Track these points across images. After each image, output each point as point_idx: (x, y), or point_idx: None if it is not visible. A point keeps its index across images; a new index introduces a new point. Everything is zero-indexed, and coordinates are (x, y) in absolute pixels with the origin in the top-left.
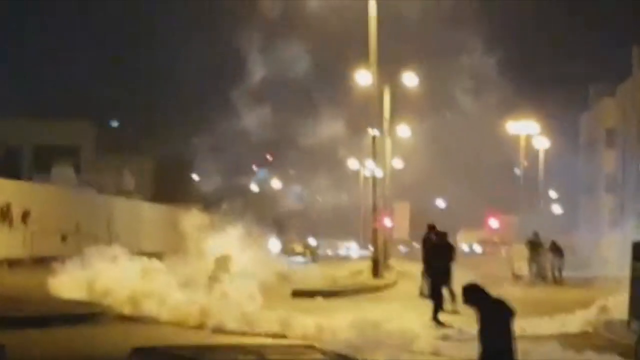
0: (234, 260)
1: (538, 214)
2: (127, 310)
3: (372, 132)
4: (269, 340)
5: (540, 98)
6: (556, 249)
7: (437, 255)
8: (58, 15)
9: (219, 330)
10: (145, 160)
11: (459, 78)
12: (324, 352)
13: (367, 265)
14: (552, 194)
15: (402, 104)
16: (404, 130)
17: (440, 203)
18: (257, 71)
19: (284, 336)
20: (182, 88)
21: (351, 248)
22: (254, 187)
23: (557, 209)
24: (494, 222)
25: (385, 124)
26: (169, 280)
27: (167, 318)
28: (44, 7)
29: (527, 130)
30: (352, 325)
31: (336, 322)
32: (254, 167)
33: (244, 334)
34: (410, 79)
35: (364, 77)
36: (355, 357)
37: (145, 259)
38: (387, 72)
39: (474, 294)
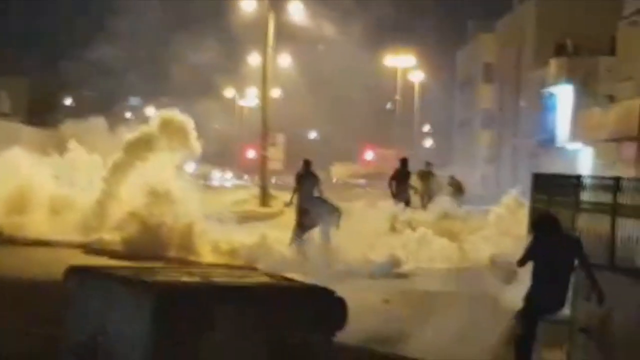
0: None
1: (413, 148)
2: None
3: (262, 56)
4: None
5: (419, 34)
6: (455, 184)
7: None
8: None
9: (151, 255)
10: (20, 82)
11: (337, 10)
12: (269, 275)
13: (248, 194)
14: (427, 128)
15: (284, 33)
16: (284, 60)
17: (314, 135)
18: None
19: (221, 257)
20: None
21: (226, 177)
22: (128, 115)
23: (430, 143)
24: (369, 155)
25: (268, 53)
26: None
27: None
28: None
29: (404, 64)
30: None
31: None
32: (129, 96)
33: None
34: (295, 8)
35: (249, 3)
36: (299, 280)
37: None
38: None
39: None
